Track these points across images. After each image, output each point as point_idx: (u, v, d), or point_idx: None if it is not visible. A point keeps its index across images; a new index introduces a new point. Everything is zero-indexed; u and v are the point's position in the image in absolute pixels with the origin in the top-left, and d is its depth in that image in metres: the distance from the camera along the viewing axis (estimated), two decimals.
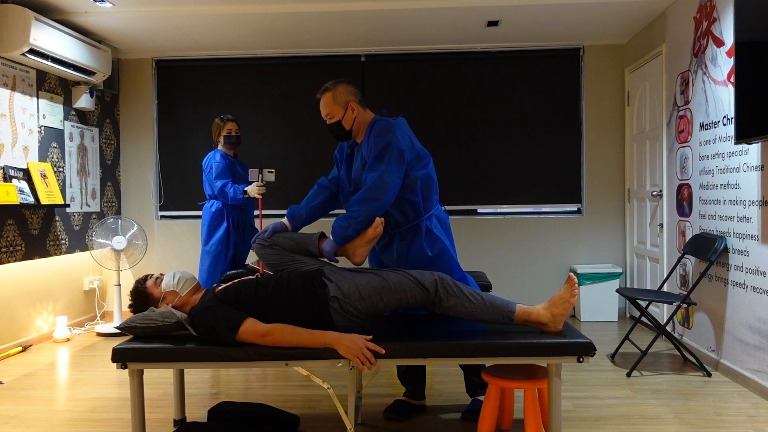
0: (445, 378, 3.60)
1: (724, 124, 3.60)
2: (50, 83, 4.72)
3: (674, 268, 4.08)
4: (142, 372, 2.37)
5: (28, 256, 4.44)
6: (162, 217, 5.72)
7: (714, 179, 3.73)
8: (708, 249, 3.62)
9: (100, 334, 4.88)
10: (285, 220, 2.74)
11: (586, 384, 3.46)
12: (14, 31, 4.05)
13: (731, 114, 3.50)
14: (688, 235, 4.08)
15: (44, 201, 4.39)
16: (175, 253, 5.66)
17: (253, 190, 4.27)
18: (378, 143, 2.58)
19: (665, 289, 4.35)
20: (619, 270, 5.20)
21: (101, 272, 5.45)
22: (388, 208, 2.62)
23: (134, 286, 2.59)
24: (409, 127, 2.75)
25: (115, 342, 4.55)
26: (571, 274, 2.39)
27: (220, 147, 4.45)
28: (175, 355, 2.30)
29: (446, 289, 2.41)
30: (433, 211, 2.75)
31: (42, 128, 4.62)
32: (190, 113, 5.68)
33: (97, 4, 4.30)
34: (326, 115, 2.72)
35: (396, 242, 2.72)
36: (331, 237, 2.60)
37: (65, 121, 4.92)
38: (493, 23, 4.82)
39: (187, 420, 2.90)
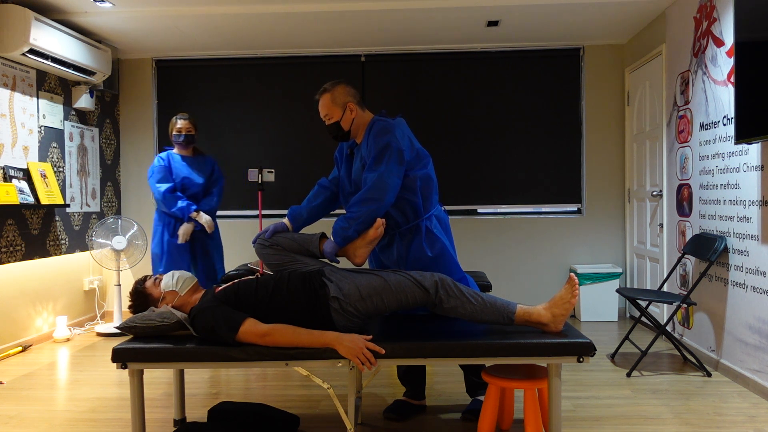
0: (445, 378, 3.60)
1: (724, 124, 3.60)
2: (50, 83, 4.72)
3: (674, 268, 4.08)
4: (142, 372, 2.37)
5: (28, 256, 4.43)
6: None
7: (714, 179, 3.73)
8: (708, 249, 3.62)
9: (100, 334, 4.88)
10: (286, 220, 2.75)
11: (586, 384, 3.46)
12: (14, 31, 4.05)
13: (731, 114, 3.50)
14: (688, 235, 4.08)
15: (44, 201, 4.39)
16: None
17: (186, 231, 4.13)
18: (377, 144, 2.58)
19: (665, 289, 4.34)
20: (619, 270, 5.20)
21: (101, 272, 5.45)
22: (387, 209, 2.62)
23: (134, 287, 2.59)
24: (409, 127, 2.75)
25: (115, 342, 4.55)
26: (572, 274, 2.39)
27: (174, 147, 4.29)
28: (175, 355, 2.30)
29: (446, 290, 2.41)
30: (432, 212, 2.75)
31: (42, 128, 4.62)
32: (190, 113, 5.65)
33: (97, 4, 4.30)
34: (325, 115, 2.72)
35: (396, 242, 2.73)
36: (331, 237, 2.61)
37: (65, 121, 4.92)
38: (493, 23, 4.82)
39: (187, 420, 2.90)
